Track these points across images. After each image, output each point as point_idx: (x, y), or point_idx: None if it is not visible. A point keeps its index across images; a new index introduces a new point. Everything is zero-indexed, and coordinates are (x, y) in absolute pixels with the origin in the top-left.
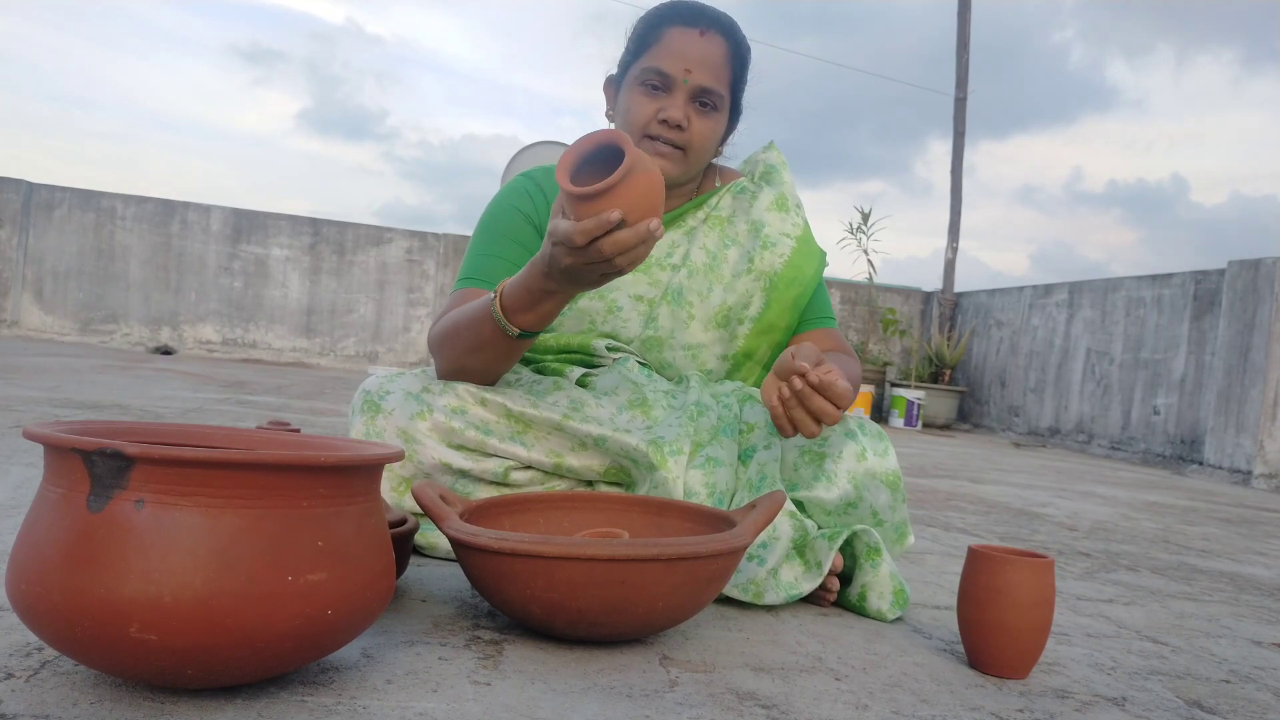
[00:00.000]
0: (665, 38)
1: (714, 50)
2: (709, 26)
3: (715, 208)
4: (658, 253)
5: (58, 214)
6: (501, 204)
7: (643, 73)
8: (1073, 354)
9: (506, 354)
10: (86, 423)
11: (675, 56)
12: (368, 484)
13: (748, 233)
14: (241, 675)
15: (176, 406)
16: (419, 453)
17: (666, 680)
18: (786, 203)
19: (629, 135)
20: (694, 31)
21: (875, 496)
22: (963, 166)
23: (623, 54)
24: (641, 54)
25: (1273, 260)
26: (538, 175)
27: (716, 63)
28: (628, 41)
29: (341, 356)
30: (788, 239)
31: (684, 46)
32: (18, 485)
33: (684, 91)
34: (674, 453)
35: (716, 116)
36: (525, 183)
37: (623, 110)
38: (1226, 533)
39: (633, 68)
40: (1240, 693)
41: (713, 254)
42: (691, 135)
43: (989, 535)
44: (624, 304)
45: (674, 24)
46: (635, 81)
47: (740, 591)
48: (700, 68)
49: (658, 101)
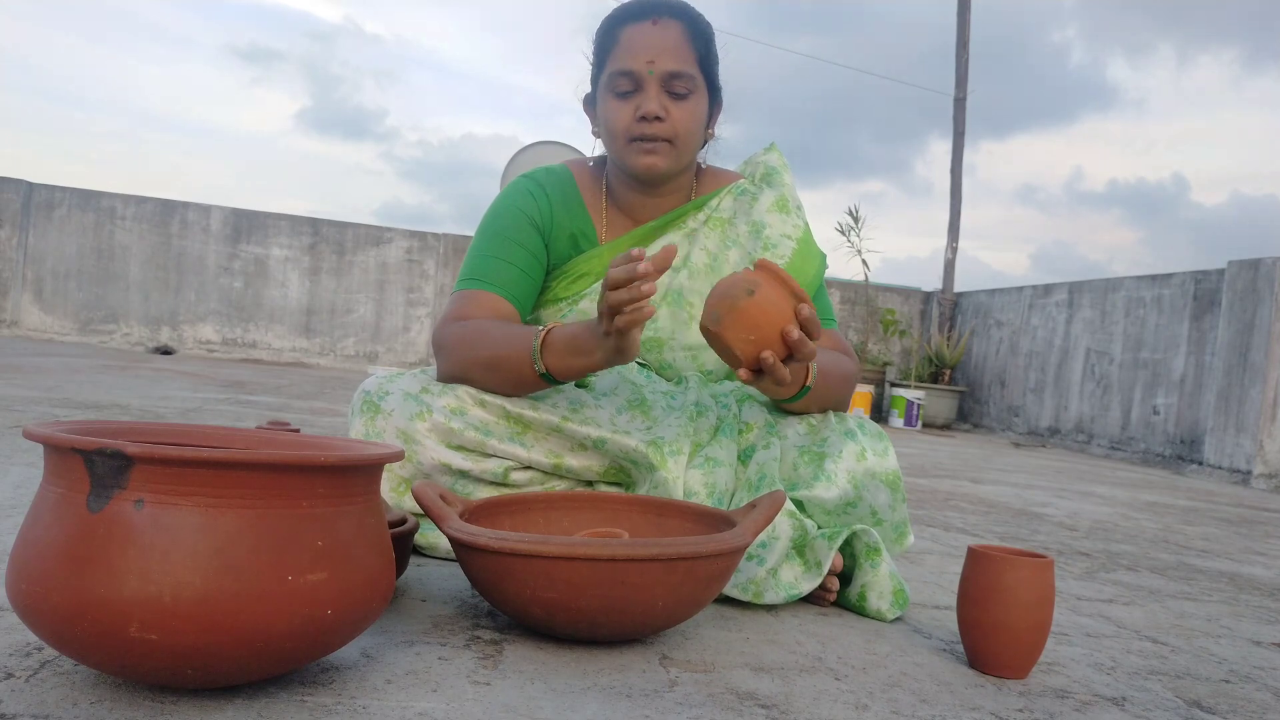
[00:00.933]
0: (621, 38)
1: (671, 35)
2: (659, 14)
3: (716, 209)
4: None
5: (58, 214)
6: (505, 205)
7: (610, 79)
8: (1072, 354)
9: (520, 383)
10: (86, 423)
11: (635, 52)
12: (368, 484)
13: (749, 234)
14: (241, 675)
15: (176, 406)
16: (418, 453)
17: (666, 680)
18: (787, 204)
19: (616, 144)
20: (646, 23)
21: (875, 496)
22: (962, 166)
23: (591, 69)
24: (605, 62)
25: (1272, 260)
26: (540, 176)
27: (676, 46)
28: (592, 55)
29: (341, 356)
30: (789, 240)
31: (641, 40)
32: (18, 485)
33: (653, 83)
34: (673, 453)
35: (694, 99)
36: (528, 184)
37: (603, 122)
38: (1226, 533)
39: (600, 79)
40: (1240, 693)
41: (714, 255)
42: (674, 123)
43: (989, 535)
44: None
45: (626, 23)
46: (606, 90)
47: (740, 591)
48: (662, 55)
49: (632, 102)
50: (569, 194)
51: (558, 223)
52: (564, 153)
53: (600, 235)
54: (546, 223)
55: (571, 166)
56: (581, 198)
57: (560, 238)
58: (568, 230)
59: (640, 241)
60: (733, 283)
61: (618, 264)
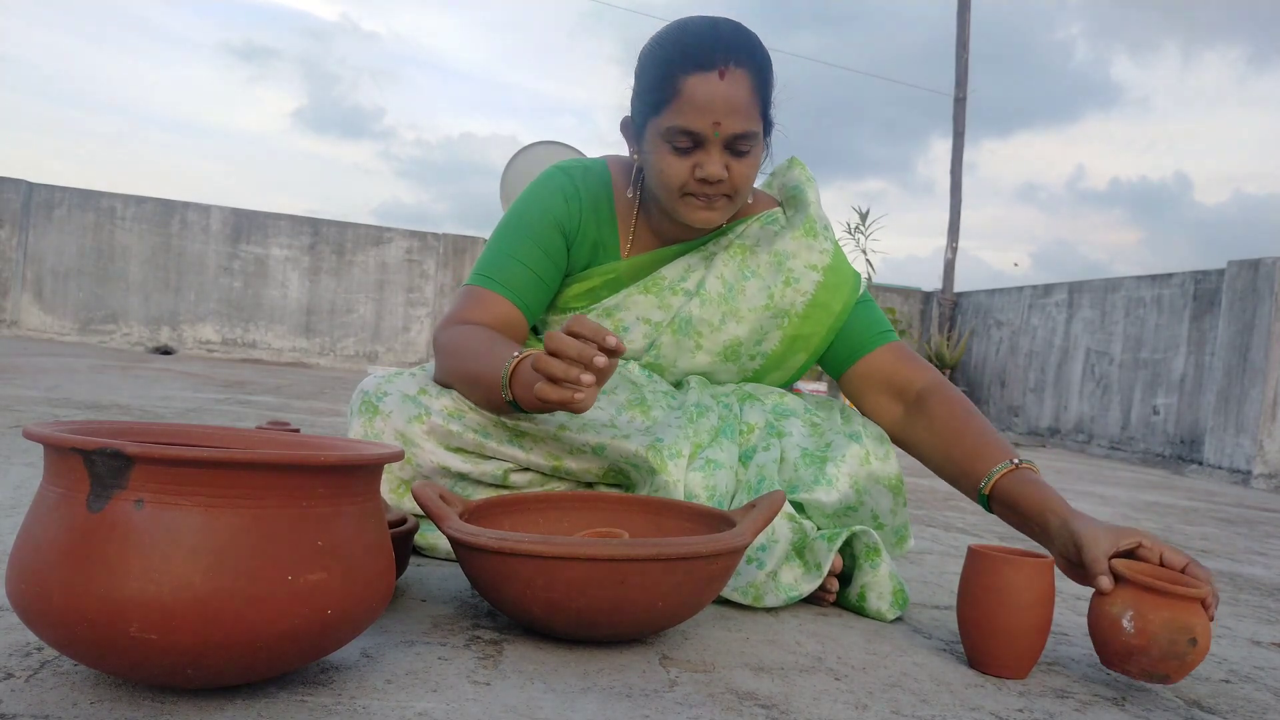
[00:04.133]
0: (685, 90)
1: (739, 90)
2: (727, 63)
3: (741, 235)
4: (671, 275)
5: (57, 214)
6: (534, 203)
7: (667, 133)
8: (1072, 354)
9: (494, 407)
10: (86, 423)
11: (700, 111)
12: (367, 484)
13: (770, 265)
14: (241, 675)
15: (176, 406)
16: (417, 456)
17: (666, 680)
18: (814, 228)
19: (667, 194)
20: (713, 75)
21: (877, 500)
22: (962, 166)
23: (635, 98)
24: (661, 110)
25: (1272, 260)
26: (578, 176)
27: (744, 103)
28: (638, 86)
29: (341, 356)
30: (813, 273)
31: (708, 97)
32: (18, 485)
33: (717, 145)
34: (673, 456)
35: (754, 151)
36: (564, 181)
37: (653, 171)
38: (1226, 533)
39: (652, 123)
40: (1240, 693)
41: (730, 284)
42: (734, 181)
43: (989, 535)
44: (630, 325)
45: (690, 72)
46: (660, 140)
47: (740, 595)
48: (729, 116)
49: (691, 159)
50: (601, 200)
51: (584, 229)
52: (564, 153)
53: (623, 249)
54: (574, 227)
55: (612, 167)
56: (614, 206)
57: (583, 244)
58: (592, 238)
59: (661, 262)
60: (1170, 638)
61: (578, 332)
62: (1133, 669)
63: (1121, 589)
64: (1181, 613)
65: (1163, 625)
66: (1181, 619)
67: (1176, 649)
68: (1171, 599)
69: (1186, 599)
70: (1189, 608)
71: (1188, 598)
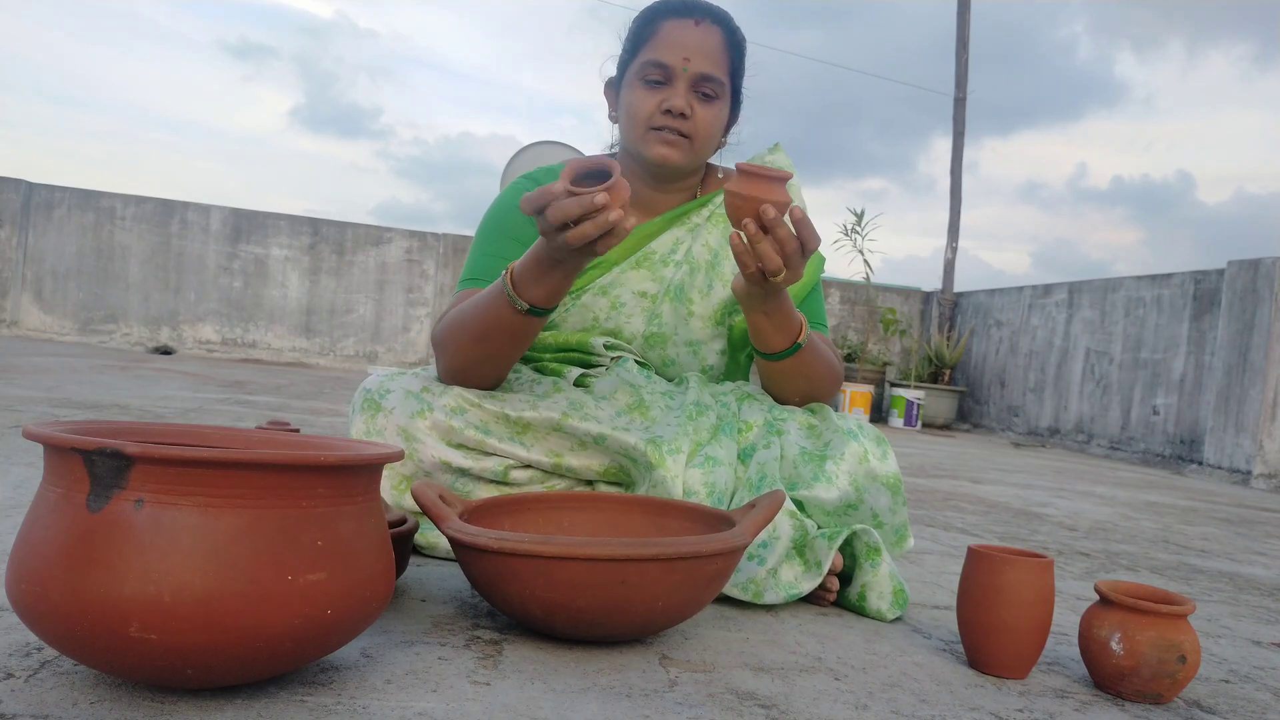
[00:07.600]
0: (661, 30)
1: (710, 38)
2: (703, 16)
3: (719, 206)
4: (661, 249)
5: (57, 214)
6: (504, 205)
7: (642, 67)
8: (1072, 354)
9: (514, 338)
10: (86, 423)
11: (673, 47)
12: (368, 484)
13: None
14: (241, 675)
15: (176, 406)
16: (419, 451)
17: (666, 680)
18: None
19: (634, 131)
20: (689, 22)
21: (876, 499)
22: (962, 166)
23: (621, 54)
24: (639, 50)
25: (1272, 260)
26: (539, 176)
27: (714, 50)
28: (624, 41)
29: (341, 356)
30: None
31: (681, 36)
32: (18, 485)
33: (684, 80)
34: (672, 451)
35: (718, 104)
36: (527, 184)
37: (625, 107)
38: (1226, 533)
39: (631, 65)
40: (1240, 693)
41: (715, 251)
42: (696, 123)
43: (989, 535)
44: (627, 300)
45: (669, 17)
46: (635, 77)
47: (740, 591)
48: (698, 55)
49: (660, 94)
50: None
51: None
52: (564, 153)
53: None
54: None
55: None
56: None
57: None
58: None
59: (648, 237)
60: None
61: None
62: (1126, 690)
63: (1108, 611)
64: (1168, 630)
65: (1150, 644)
66: (1169, 636)
67: (1166, 667)
68: (1157, 618)
69: (1172, 616)
70: (1176, 625)
71: (1174, 615)
